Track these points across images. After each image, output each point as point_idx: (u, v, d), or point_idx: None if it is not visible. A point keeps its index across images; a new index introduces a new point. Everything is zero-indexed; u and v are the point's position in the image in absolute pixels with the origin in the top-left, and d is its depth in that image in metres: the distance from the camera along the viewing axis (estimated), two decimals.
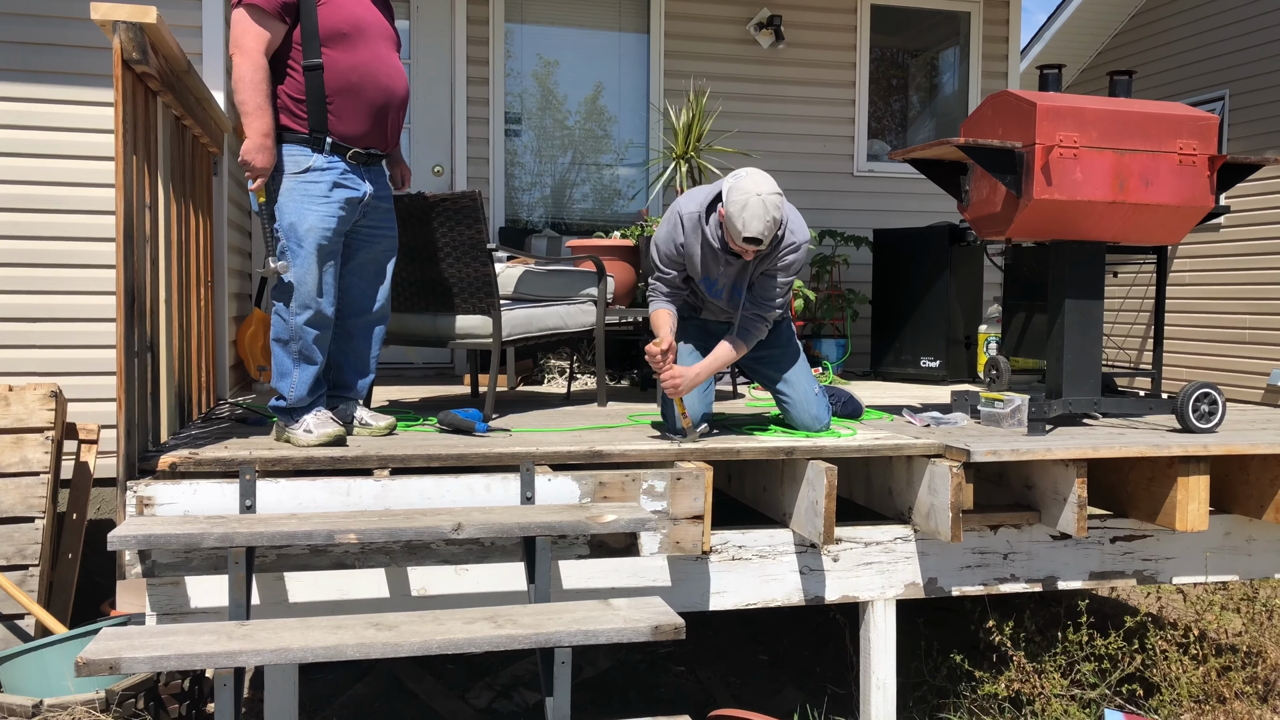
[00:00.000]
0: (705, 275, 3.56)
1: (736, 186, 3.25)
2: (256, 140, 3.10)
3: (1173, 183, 3.67)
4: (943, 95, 7.50)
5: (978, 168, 3.86)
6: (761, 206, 3.20)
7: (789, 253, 3.44)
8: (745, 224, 3.21)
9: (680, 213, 3.49)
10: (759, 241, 3.25)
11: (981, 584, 3.57)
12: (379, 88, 3.29)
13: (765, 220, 3.21)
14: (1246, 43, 8.14)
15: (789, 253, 3.44)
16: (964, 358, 6.08)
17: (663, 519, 3.14)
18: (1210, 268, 8.41)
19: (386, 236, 3.48)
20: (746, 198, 3.21)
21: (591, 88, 6.83)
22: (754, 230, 3.21)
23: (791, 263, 3.46)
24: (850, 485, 3.92)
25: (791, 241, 3.44)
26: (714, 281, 3.58)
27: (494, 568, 3.10)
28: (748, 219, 3.21)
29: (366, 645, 2.42)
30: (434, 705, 3.97)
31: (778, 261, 3.45)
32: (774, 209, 3.22)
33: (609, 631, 2.57)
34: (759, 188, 3.22)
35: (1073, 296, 3.82)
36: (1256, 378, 7.87)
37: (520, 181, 6.77)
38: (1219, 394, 3.77)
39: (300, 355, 3.22)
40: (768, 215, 3.21)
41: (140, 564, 2.80)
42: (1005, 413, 3.81)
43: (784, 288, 3.50)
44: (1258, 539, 3.83)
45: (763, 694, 4.16)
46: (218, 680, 2.41)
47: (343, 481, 2.94)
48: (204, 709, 3.59)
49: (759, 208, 3.20)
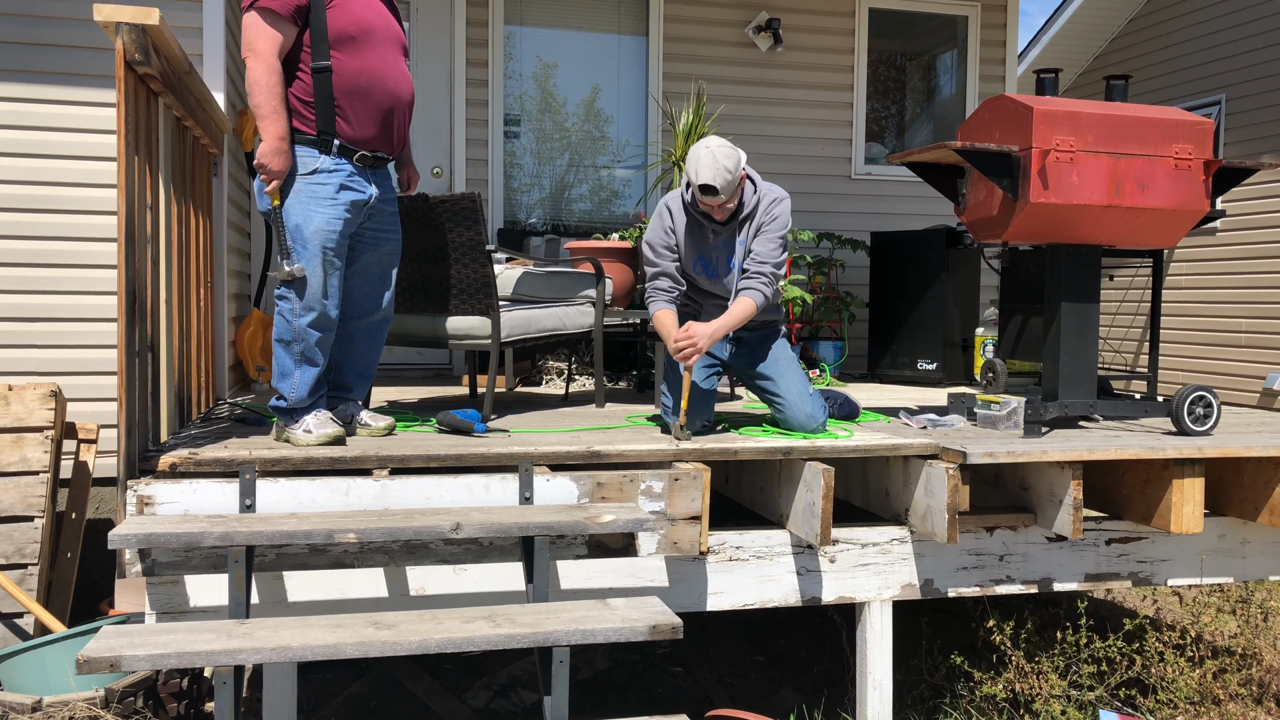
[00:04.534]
0: (699, 256, 3.67)
1: (689, 152, 3.48)
2: (273, 144, 3.11)
3: (1168, 187, 3.69)
4: (940, 99, 7.53)
5: (975, 171, 3.88)
6: (710, 155, 3.39)
7: (773, 205, 3.62)
8: (698, 173, 3.40)
9: (666, 202, 3.70)
10: (714, 190, 3.42)
11: (977, 585, 3.58)
12: (386, 91, 3.30)
13: (714, 167, 3.38)
14: (1243, 47, 8.17)
15: (773, 205, 3.62)
16: (961, 360, 6.10)
17: (660, 519, 3.15)
18: (1206, 271, 8.44)
19: (391, 240, 3.49)
20: (698, 153, 3.43)
21: (590, 90, 6.85)
22: (705, 177, 3.38)
23: (779, 215, 3.61)
24: (847, 487, 3.93)
25: (775, 198, 3.63)
26: (708, 261, 3.67)
27: (492, 567, 3.12)
28: (700, 169, 3.40)
29: (365, 644, 2.43)
30: (432, 705, 3.98)
31: (765, 217, 3.60)
32: (724, 158, 3.39)
33: (607, 631, 2.58)
34: (707, 143, 3.44)
35: (1069, 299, 3.84)
36: (1252, 381, 7.90)
37: (519, 183, 6.78)
38: (1214, 397, 3.79)
39: (302, 357, 3.23)
40: (716, 163, 3.38)
41: (140, 563, 2.81)
42: (1002, 415, 3.83)
43: (780, 242, 3.61)
44: (1252, 541, 3.85)
45: (759, 694, 4.17)
46: (217, 679, 2.42)
47: (342, 481, 2.96)
48: (203, 708, 3.60)
49: (707, 157, 3.39)
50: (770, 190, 3.64)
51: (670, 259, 3.66)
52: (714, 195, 3.43)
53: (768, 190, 3.64)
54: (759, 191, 3.63)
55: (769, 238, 3.60)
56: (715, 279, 3.70)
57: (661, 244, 3.66)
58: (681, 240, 3.66)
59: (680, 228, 3.65)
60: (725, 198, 3.45)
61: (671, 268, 3.67)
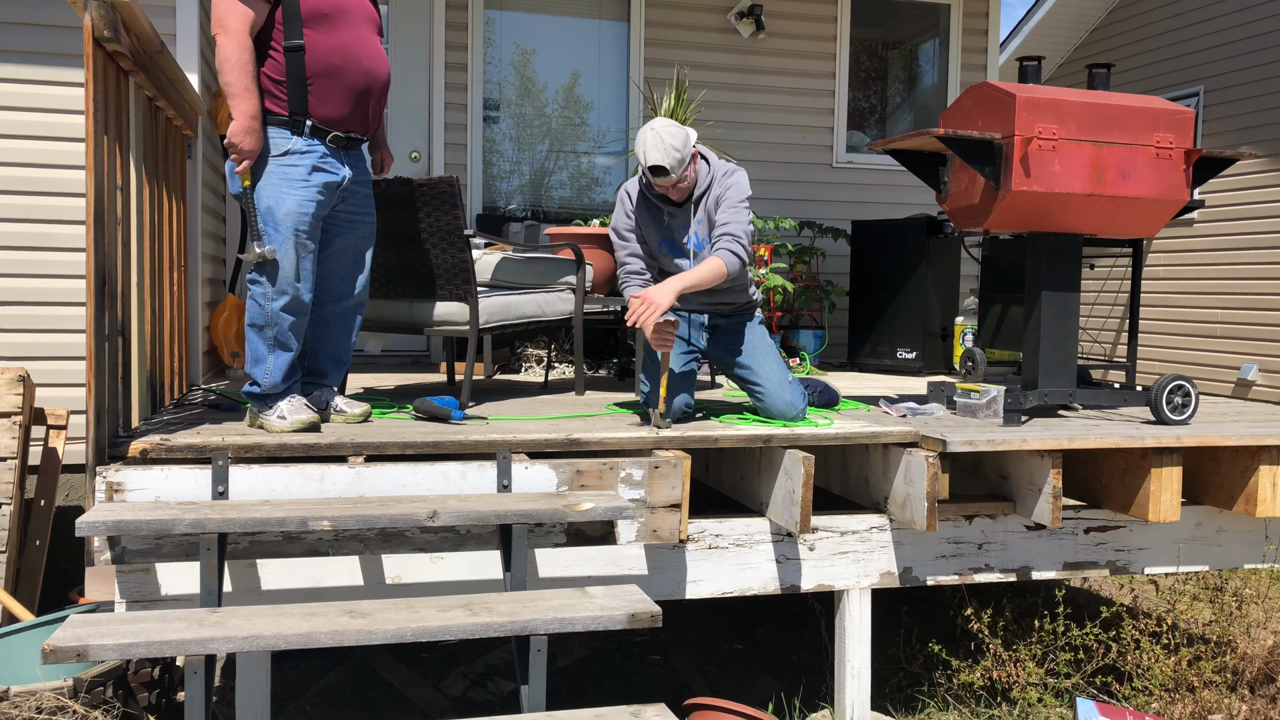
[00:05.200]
0: (661, 238, 3.68)
1: (639, 133, 3.50)
2: (244, 123, 3.06)
3: (1149, 176, 3.69)
4: (922, 87, 7.52)
5: (957, 159, 3.87)
6: (655, 136, 3.41)
7: (727, 177, 3.62)
8: (645, 155, 3.42)
9: (625, 188, 3.73)
10: (664, 170, 3.42)
11: (956, 574, 3.58)
12: (360, 70, 3.25)
13: (661, 148, 3.39)
14: (1221, 39, 8.21)
15: (727, 177, 3.62)
16: (940, 349, 6.10)
17: (640, 507, 3.13)
18: (1183, 262, 8.49)
19: (365, 222, 3.44)
20: (644, 135, 3.45)
21: (570, 76, 6.79)
22: (653, 158, 3.40)
23: (734, 184, 3.60)
24: (827, 475, 3.92)
25: (728, 170, 3.63)
26: (671, 243, 3.67)
27: (469, 556, 3.09)
28: (647, 150, 3.42)
29: (340, 633, 2.40)
30: (408, 694, 3.95)
31: (720, 189, 3.60)
32: (669, 137, 3.40)
33: (585, 619, 2.56)
34: (652, 124, 3.45)
35: (1050, 288, 3.83)
36: (1228, 371, 7.96)
37: (498, 169, 6.73)
38: (1192, 386, 3.80)
39: (276, 341, 3.18)
40: (663, 143, 3.39)
41: (109, 550, 2.76)
42: (981, 403, 3.82)
43: (742, 208, 3.58)
44: (1228, 530, 3.87)
45: (738, 683, 4.16)
46: (188, 668, 2.38)
47: (317, 468, 2.91)
48: (174, 697, 3.55)
49: (653, 138, 3.41)
50: (723, 165, 3.64)
51: (636, 243, 3.69)
52: (665, 175, 3.44)
53: (720, 166, 3.64)
54: (713, 168, 3.63)
55: (730, 204, 3.58)
56: (679, 257, 3.70)
57: (625, 229, 3.69)
58: (643, 224, 3.68)
59: (640, 210, 3.68)
60: (676, 177, 3.46)
61: (639, 251, 3.69)
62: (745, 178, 3.64)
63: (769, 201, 6.79)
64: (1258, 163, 7.71)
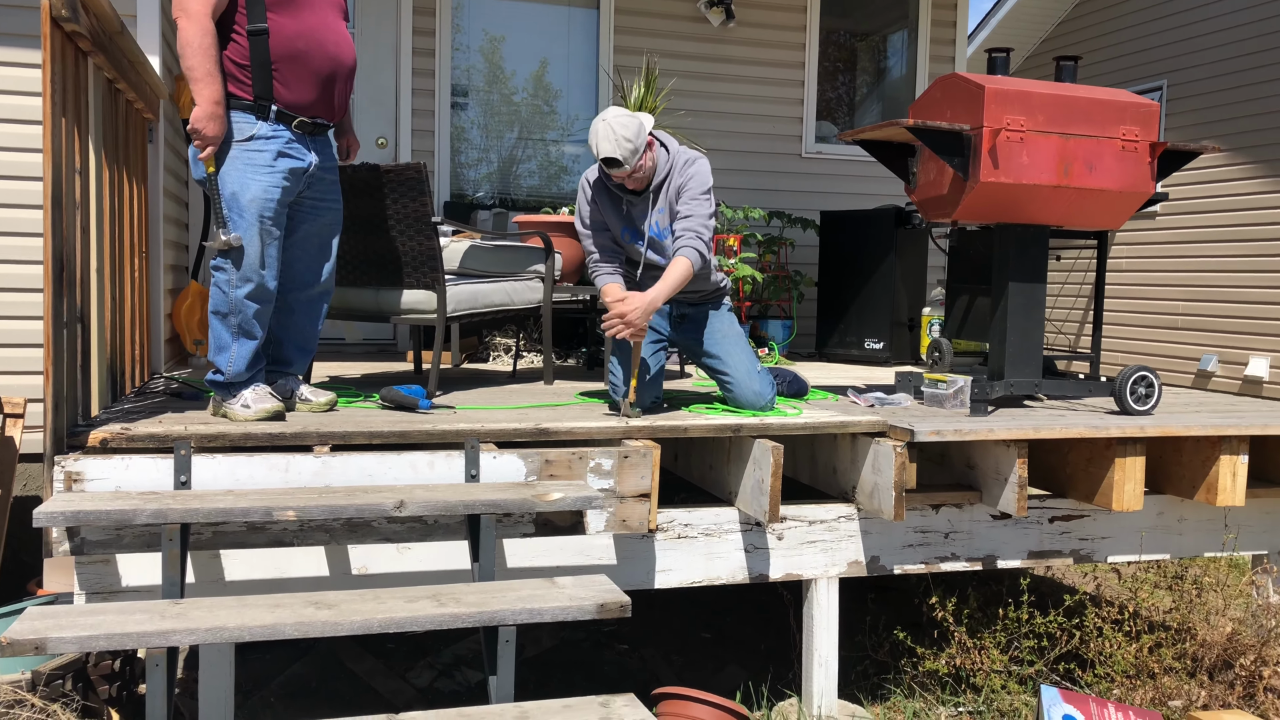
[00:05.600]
0: (623, 226, 3.66)
1: (591, 124, 3.46)
2: (207, 108, 3.00)
3: (1115, 168, 3.72)
4: (890, 78, 7.54)
5: (926, 150, 3.88)
6: (606, 127, 3.38)
7: (687, 166, 3.58)
8: (598, 147, 3.39)
9: (585, 177, 3.70)
10: (616, 161, 3.40)
11: (923, 562, 3.60)
12: (325, 55, 3.20)
13: (612, 139, 3.36)
14: (1184, 34, 8.30)
15: (687, 166, 3.58)
16: (907, 340, 6.14)
17: (609, 497, 3.12)
18: (1146, 254, 8.59)
19: (331, 209, 3.40)
20: (595, 127, 3.41)
21: (539, 64, 6.74)
22: (605, 150, 3.37)
23: (695, 173, 3.57)
24: (795, 465, 3.93)
25: (688, 159, 3.60)
26: (633, 230, 3.65)
27: (437, 546, 3.06)
28: (599, 142, 3.38)
29: (305, 624, 2.37)
30: (374, 685, 3.92)
31: (681, 178, 3.57)
32: (620, 128, 3.37)
33: (554, 610, 2.54)
34: (604, 115, 3.43)
35: (1017, 279, 3.86)
36: (1188, 362, 8.08)
37: (466, 157, 6.67)
38: (1156, 377, 3.85)
39: (240, 329, 3.13)
40: (614, 134, 3.36)
41: (68, 541, 2.71)
42: (948, 393, 3.85)
43: (704, 198, 3.56)
44: (1189, 519, 3.92)
45: (706, 671, 4.17)
46: (150, 660, 2.34)
47: (281, 458, 2.87)
48: (135, 690, 3.50)
49: (604, 130, 3.37)
50: (683, 153, 3.60)
51: (601, 231, 3.66)
52: (618, 167, 3.40)
53: (680, 154, 3.60)
54: (672, 156, 3.58)
55: (692, 195, 3.55)
56: (639, 243, 3.68)
57: (589, 218, 3.66)
58: (604, 212, 3.66)
59: (600, 200, 3.65)
60: (630, 167, 3.42)
61: (606, 239, 3.66)
62: (706, 166, 3.60)
63: (738, 191, 6.79)
64: (1218, 157, 7.82)
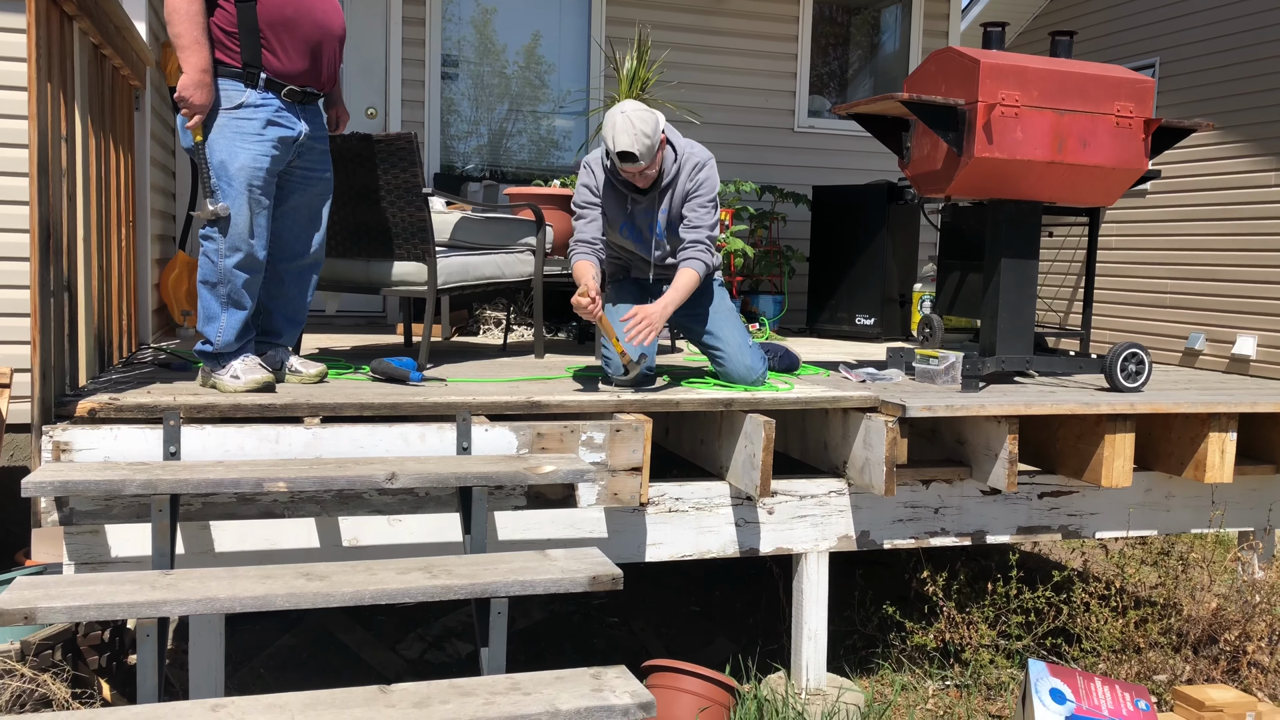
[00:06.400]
0: (623, 221, 3.62)
1: (607, 116, 3.38)
2: (195, 76, 2.96)
3: (1109, 144, 3.71)
4: (884, 54, 7.50)
5: (920, 124, 3.86)
6: (627, 122, 3.30)
7: (696, 172, 3.53)
8: (615, 140, 3.32)
9: (588, 160, 3.61)
10: (633, 157, 3.33)
11: (913, 537, 3.62)
12: (314, 23, 3.16)
13: (631, 133, 3.30)
14: (1177, 10, 8.28)
15: (696, 172, 3.53)
16: (899, 316, 6.14)
17: (601, 470, 3.11)
18: (1136, 232, 8.60)
19: (322, 179, 3.36)
20: (614, 118, 3.35)
21: (531, 36, 6.68)
22: (623, 144, 3.30)
23: (703, 180, 3.53)
24: (786, 439, 3.93)
25: (696, 163, 3.53)
26: (632, 226, 3.62)
27: (428, 518, 3.05)
28: (616, 135, 3.32)
29: (296, 595, 2.36)
30: (364, 656, 3.92)
31: (689, 184, 3.53)
32: (640, 123, 3.31)
33: (546, 582, 2.54)
34: (623, 107, 3.34)
35: (1009, 256, 3.86)
36: (1176, 340, 8.11)
37: (457, 129, 6.61)
38: (1146, 354, 3.86)
39: (229, 299, 3.11)
40: (634, 128, 3.30)
41: (57, 511, 2.70)
42: (940, 369, 3.85)
43: (711, 207, 3.55)
44: (1176, 495, 3.95)
45: (695, 645, 4.19)
46: (140, 631, 2.33)
47: (271, 429, 2.86)
48: (125, 660, 3.49)
49: (624, 123, 3.30)
50: (691, 155, 3.54)
51: (595, 217, 3.59)
52: (634, 162, 3.35)
53: (688, 155, 3.53)
54: (679, 158, 3.52)
55: (700, 203, 3.52)
56: (640, 243, 3.66)
57: (586, 201, 3.59)
58: (606, 204, 3.59)
59: (604, 193, 3.58)
60: (645, 164, 3.37)
61: (595, 228, 3.59)
62: (714, 171, 3.55)
63: (730, 165, 6.75)
64: (1209, 135, 7.82)
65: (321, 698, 2.24)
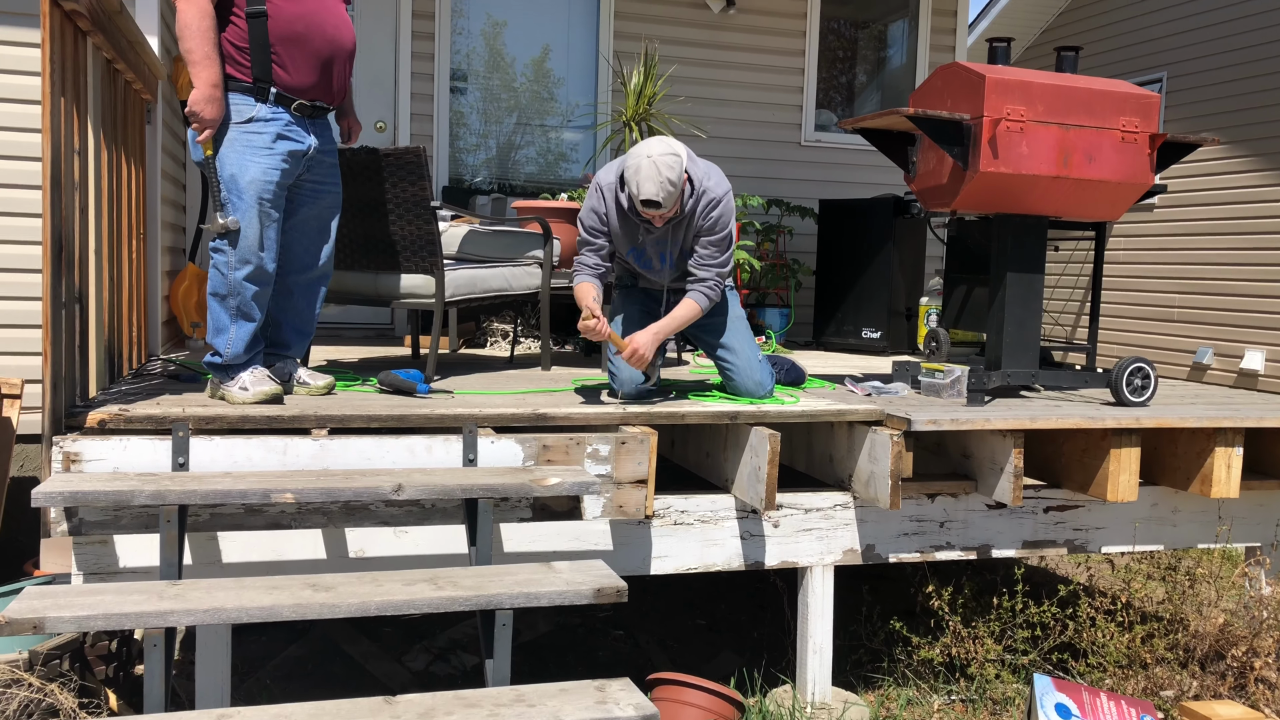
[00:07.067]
0: (631, 247, 3.58)
1: (632, 153, 3.29)
2: (205, 91, 2.99)
3: (1115, 159, 3.72)
4: (890, 68, 7.52)
5: (926, 139, 3.87)
6: (653, 168, 3.22)
7: (710, 209, 3.45)
8: (639, 187, 3.24)
9: (600, 184, 3.52)
10: (656, 204, 3.26)
11: (918, 551, 3.62)
12: (325, 38, 3.19)
13: (657, 181, 3.22)
14: (1184, 26, 8.29)
15: (710, 209, 3.45)
16: (905, 329, 6.14)
17: (606, 483, 3.12)
18: (1143, 246, 8.59)
19: (331, 192, 3.39)
20: (639, 161, 3.24)
21: (540, 50, 6.72)
22: (648, 192, 3.23)
23: (717, 219, 3.46)
24: (792, 452, 3.94)
25: (711, 199, 3.44)
26: (641, 252, 3.59)
27: (434, 530, 3.07)
28: (641, 181, 3.23)
29: (303, 606, 2.37)
30: (369, 668, 3.93)
31: (702, 221, 3.47)
32: (666, 169, 3.23)
33: (551, 594, 2.55)
34: (650, 150, 3.24)
35: (1015, 270, 3.86)
36: (1183, 355, 8.09)
37: (465, 142, 6.65)
38: (1152, 369, 3.86)
39: (238, 311, 3.13)
40: (660, 176, 3.22)
41: (66, 522, 2.72)
42: (945, 383, 3.85)
43: (723, 242, 3.51)
44: (1183, 510, 3.94)
45: (700, 658, 4.19)
46: (147, 641, 2.35)
47: (279, 440, 2.88)
48: (132, 671, 3.51)
49: (650, 170, 3.22)
50: (707, 190, 3.43)
51: (601, 241, 3.54)
52: (656, 208, 3.30)
53: (704, 189, 3.44)
54: (695, 190, 3.43)
55: (712, 241, 3.47)
56: (648, 269, 3.65)
57: (594, 225, 3.53)
58: (613, 228, 3.54)
59: (613, 217, 3.52)
60: (667, 209, 3.32)
61: (601, 252, 3.55)
62: (730, 205, 3.47)
63: (737, 179, 6.76)
64: (1216, 149, 7.82)
65: (327, 709, 2.25)
